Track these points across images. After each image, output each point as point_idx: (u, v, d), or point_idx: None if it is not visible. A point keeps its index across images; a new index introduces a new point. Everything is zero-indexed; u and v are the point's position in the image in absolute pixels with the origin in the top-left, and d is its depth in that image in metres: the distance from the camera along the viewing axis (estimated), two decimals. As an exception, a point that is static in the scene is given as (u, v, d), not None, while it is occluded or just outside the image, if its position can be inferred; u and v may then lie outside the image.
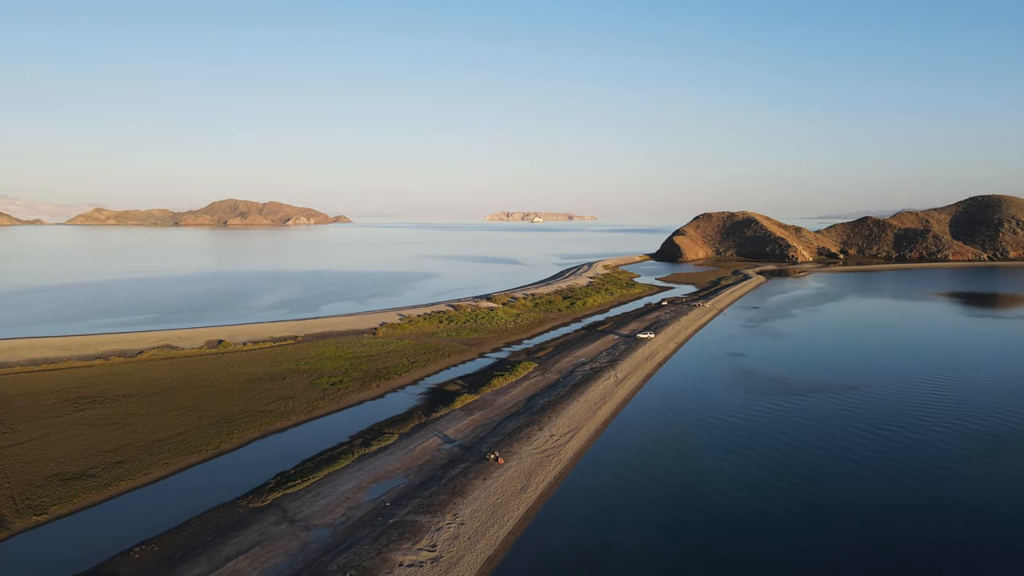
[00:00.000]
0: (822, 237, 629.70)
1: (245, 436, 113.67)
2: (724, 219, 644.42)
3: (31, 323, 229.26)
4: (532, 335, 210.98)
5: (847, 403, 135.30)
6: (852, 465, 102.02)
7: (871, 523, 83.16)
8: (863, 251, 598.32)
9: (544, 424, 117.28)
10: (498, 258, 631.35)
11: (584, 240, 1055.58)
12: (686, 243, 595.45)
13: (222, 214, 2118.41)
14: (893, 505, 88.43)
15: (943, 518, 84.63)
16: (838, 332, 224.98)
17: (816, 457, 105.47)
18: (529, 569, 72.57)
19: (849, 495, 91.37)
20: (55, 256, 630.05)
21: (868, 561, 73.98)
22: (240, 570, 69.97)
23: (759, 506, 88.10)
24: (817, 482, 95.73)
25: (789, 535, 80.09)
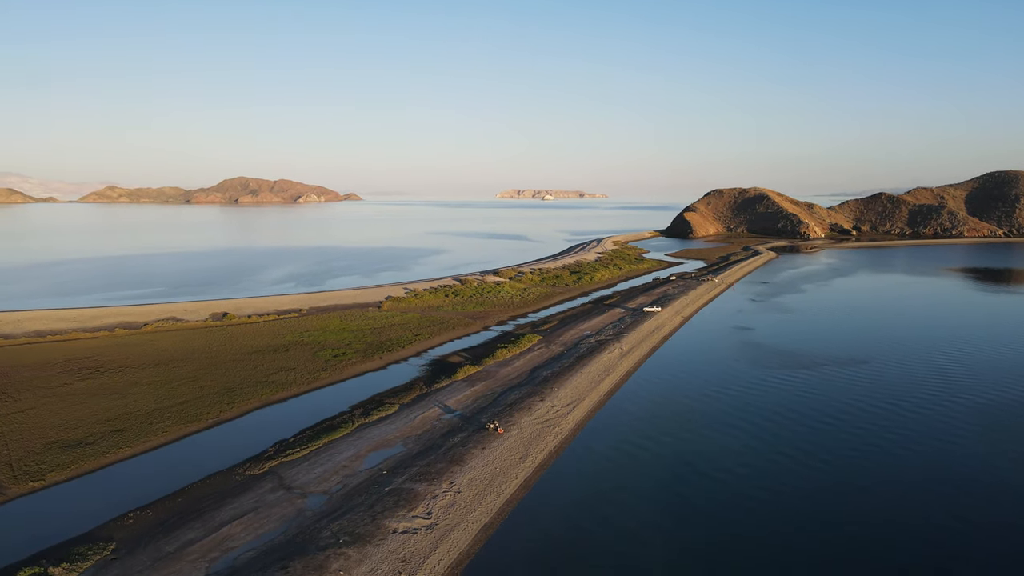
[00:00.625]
0: (835, 213, 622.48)
1: (245, 406, 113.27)
2: (736, 195, 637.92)
3: (40, 296, 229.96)
4: (538, 309, 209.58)
5: (855, 377, 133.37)
6: (857, 439, 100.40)
7: (876, 496, 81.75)
8: (876, 228, 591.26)
9: (546, 395, 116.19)
10: (507, 234, 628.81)
11: (594, 217, 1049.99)
12: (697, 219, 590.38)
13: (233, 192, 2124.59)
14: (899, 478, 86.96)
15: (950, 492, 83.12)
16: (848, 307, 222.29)
17: (821, 430, 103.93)
18: (525, 537, 71.72)
19: (854, 468, 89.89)
20: (66, 233, 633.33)
21: (873, 534, 72.66)
22: (234, 535, 69.51)
23: (761, 479, 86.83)
24: (821, 456, 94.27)
25: (792, 508, 78.84)
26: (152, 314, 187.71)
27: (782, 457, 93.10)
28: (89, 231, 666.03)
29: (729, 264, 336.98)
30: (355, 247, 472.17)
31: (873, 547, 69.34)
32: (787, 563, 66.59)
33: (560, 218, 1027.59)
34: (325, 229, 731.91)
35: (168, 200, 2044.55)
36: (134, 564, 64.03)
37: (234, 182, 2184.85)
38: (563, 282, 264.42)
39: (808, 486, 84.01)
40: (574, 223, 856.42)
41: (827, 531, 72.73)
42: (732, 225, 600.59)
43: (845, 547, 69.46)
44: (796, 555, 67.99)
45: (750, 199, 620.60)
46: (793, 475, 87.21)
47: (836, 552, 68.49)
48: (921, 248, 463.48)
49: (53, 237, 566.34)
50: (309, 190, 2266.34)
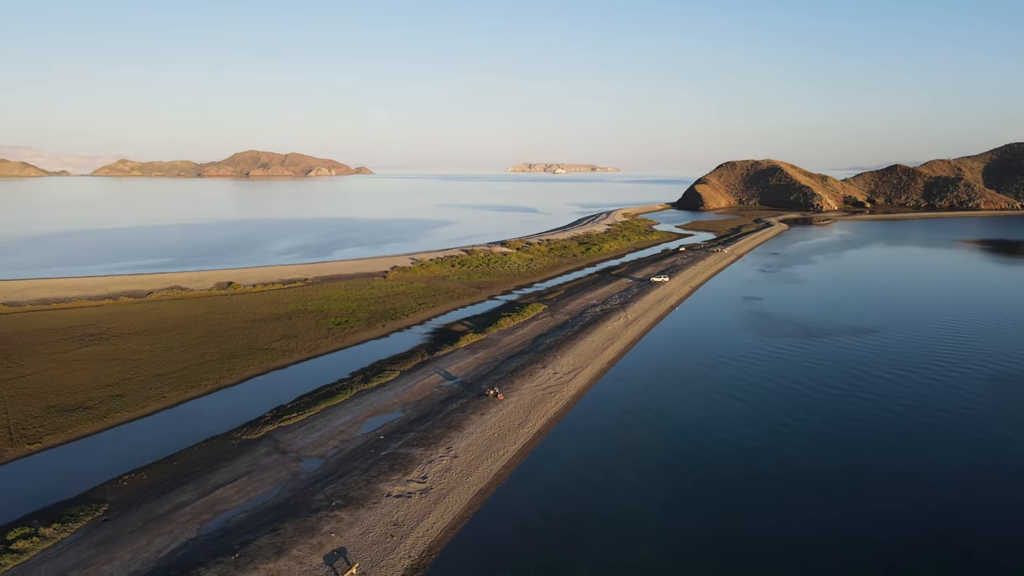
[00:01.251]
0: (849, 186, 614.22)
1: (245, 372, 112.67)
2: (748, 167, 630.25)
3: (48, 266, 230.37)
4: (544, 279, 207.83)
5: (864, 346, 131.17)
6: (864, 407, 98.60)
7: (878, 465, 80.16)
8: (891, 200, 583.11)
9: (548, 362, 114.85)
10: (517, 207, 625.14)
11: (606, 190, 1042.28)
12: (708, 192, 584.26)
13: (244, 165, 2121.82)
14: (903, 447, 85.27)
15: (956, 460, 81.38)
16: (859, 278, 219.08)
17: (826, 399, 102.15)
18: (521, 502, 70.71)
19: (857, 437, 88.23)
20: (77, 206, 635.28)
21: (874, 502, 71.19)
22: (227, 498, 68.93)
23: (761, 446, 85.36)
24: (824, 424, 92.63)
25: (791, 476, 77.41)
26: (157, 283, 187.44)
27: (783, 426, 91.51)
28: (100, 204, 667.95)
29: (740, 236, 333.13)
30: (364, 219, 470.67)
31: (872, 514, 67.89)
32: (781, 526, 65.27)
33: (571, 191, 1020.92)
34: (334, 201, 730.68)
35: (180, 174, 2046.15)
36: (125, 525, 63.58)
37: (245, 156, 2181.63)
38: (571, 253, 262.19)
39: (808, 454, 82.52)
40: (585, 196, 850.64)
41: (826, 499, 71.28)
42: (744, 198, 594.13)
43: (842, 513, 68.05)
44: (790, 519, 66.62)
45: (763, 171, 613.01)
46: (794, 443, 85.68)
47: (832, 517, 67.08)
48: (936, 220, 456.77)
49: (64, 209, 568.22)
50: (320, 163, 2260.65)
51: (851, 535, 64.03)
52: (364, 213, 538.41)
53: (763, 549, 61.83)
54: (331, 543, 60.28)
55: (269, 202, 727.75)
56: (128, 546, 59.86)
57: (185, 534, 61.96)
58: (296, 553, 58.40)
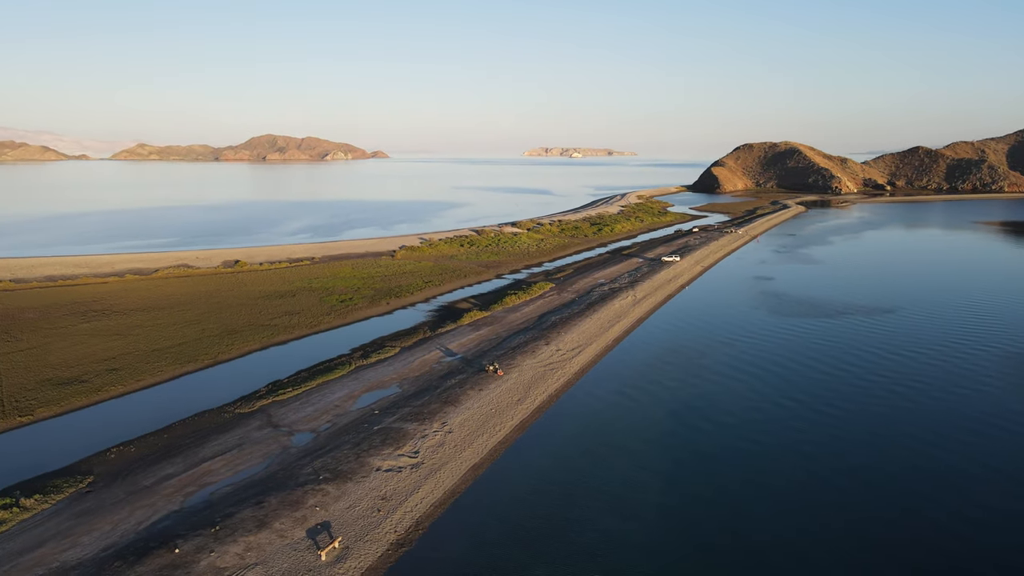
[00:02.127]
0: (868, 168, 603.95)
1: (244, 348, 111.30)
2: (766, 150, 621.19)
3: (60, 244, 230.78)
4: (554, 258, 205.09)
5: (879, 325, 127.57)
6: (875, 386, 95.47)
7: (886, 443, 77.21)
8: (912, 183, 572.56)
9: (551, 339, 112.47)
10: (531, 189, 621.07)
11: (622, 174, 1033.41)
12: (724, 174, 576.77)
13: (261, 149, 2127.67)
14: (914, 425, 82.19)
15: (968, 437, 78.22)
16: (876, 258, 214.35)
17: (836, 377, 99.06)
18: (516, 477, 68.61)
19: (865, 415, 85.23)
20: (92, 187, 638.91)
21: (878, 481, 68.40)
22: (214, 471, 67.40)
23: (765, 424, 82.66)
24: (833, 402, 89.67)
25: (793, 452, 74.72)
26: (164, 261, 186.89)
27: (790, 402, 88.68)
28: (115, 186, 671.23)
29: (755, 217, 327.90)
30: (376, 201, 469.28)
31: (875, 488, 65.13)
32: (779, 503, 62.75)
33: (587, 174, 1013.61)
34: (348, 184, 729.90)
35: (197, 158, 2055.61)
36: (108, 497, 62.23)
37: (262, 140, 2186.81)
38: (582, 233, 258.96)
39: (814, 432, 79.71)
40: (600, 179, 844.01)
41: (828, 475, 68.57)
42: (761, 180, 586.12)
43: (841, 489, 65.37)
44: (787, 495, 64.07)
45: (780, 153, 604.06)
46: (799, 420, 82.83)
47: (829, 497, 64.42)
48: (958, 203, 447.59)
49: (79, 191, 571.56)
50: (336, 147, 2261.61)
51: (855, 515, 61.38)
52: (376, 195, 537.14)
53: (759, 523, 59.38)
54: (315, 517, 58.54)
55: (283, 184, 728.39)
56: (108, 518, 58.47)
57: (168, 506, 60.48)
58: (278, 526, 56.72)
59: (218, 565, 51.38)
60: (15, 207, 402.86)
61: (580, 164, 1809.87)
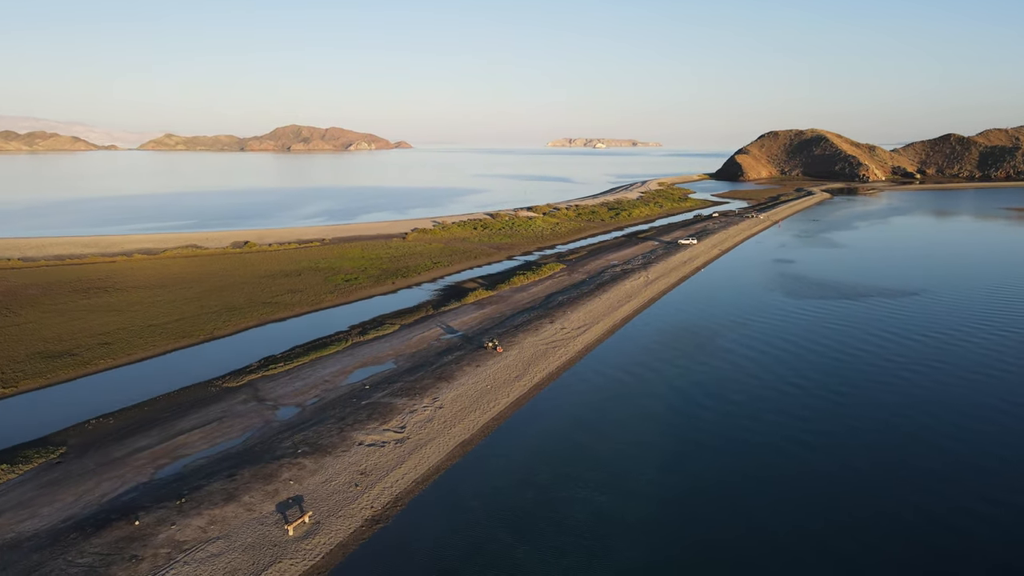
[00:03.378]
0: (898, 156, 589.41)
1: (242, 324, 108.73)
2: (791, 137, 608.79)
3: (75, 226, 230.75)
4: (568, 241, 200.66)
5: (902, 308, 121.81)
6: (891, 368, 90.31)
7: (896, 428, 72.35)
8: (943, 171, 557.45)
9: (557, 318, 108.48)
10: (552, 176, 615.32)
11: (645, 163, 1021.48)
12: (748, 162, 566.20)
13: (286, 139, 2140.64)
14: (929, 409, 77.13)
15: (991, 420, 73.10)
16: (904, 243, 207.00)
17: (851, 359, 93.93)
18: (506, 454, 64.91)
19: (877, 398, 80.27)
20: (117, 175, 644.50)
21: (883, 466, 63.74)
22: (190, 443, 64.57)
23: (775, 403, 78.12)
24: (842, 384, 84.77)
25: (799, 435, 70.20)
26: (173, 241, 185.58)
27: (803, 384, 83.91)
28: (139, 174, 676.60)
29: (778, 203, 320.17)
30: (395, 187, 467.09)
31: (885, 479, 60.52)
32: (783, 487, 58.43)
33: (609, 163, 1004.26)
34: (368, 172, 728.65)
35: (223, 148, 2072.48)
36: (76, 468, 59.60)
37: (287, 130, 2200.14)
38: (599, 217, 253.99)
39: (826, 415, 75.04)
40: (623, 167, 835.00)
41: (837, 460, 64.03)
42: (787, 168, 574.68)
43: (851, 476, 60.85)
44: (792, 479, 59.70)
45: (807, 141, 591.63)
46: (810, 402, 78.17)
47: (837, 483, 59.93)
48: (991, 190, 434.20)
49: (104, 179, 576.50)
50: (360, 138, 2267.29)
51: (865, 503, 56.93)
52: (396, 182, 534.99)
53: (759, 507, 55.20)
54: (288, 491, 55.39)
55: (303, 172, 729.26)
56: (73, 489, 55.80)
57: (137, 478, 57.70)
58: (247, 500, 53.64)
59: (177, 538, 48.39)
60: (37, 193, 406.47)
61: (603, 154, 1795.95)
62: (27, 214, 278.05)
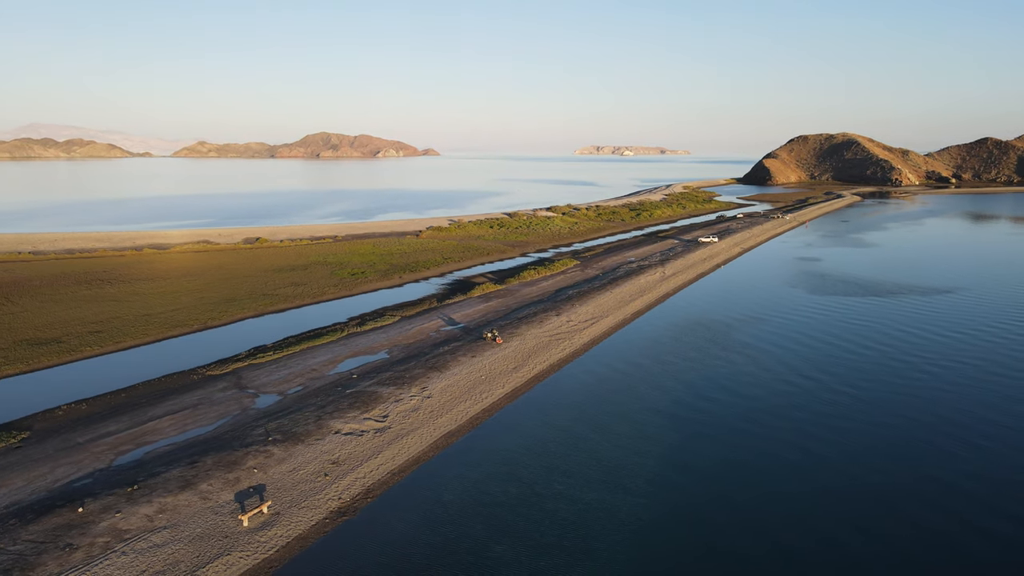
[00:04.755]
0: (932, 160, 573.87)
1: (238, 315, 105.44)
2: (822, 141, 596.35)
3: (94, 224, 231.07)
4: (585, 240, 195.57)
5: (932, 306, 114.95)
6: (911, 366, 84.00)
7: (905, 429, 66.31)
8: (979, 175, 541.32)
9: (564, 311, 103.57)
10: (576, 181, 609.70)
11: (672, 169, 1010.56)
12: (777, 166, 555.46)
13: (315, 147, 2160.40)
14: (944, 411, 70.90)
15: (1008, 424, 66.81)
16: (938, 242, 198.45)
17: (878, 353, 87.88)
18: (493, 445, 60.19)
19: (889, 396, 74.19)
20: (146, 178, 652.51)
21: (890, 466, 57.86)
22: (159, 430, 60.85)
23: (791, 399, 72.44)
24: (855, 380, 78.78)
25: (814, 433, 64.49)
26: (185, 237, 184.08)
27: (822, 379, 78.07)
28: (167, 178, 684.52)
29: (805, 205, 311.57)
30: (417, 190, 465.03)
31: (900, 480, 54.68)
32: (777, 487, 52.95)
33: (636, 169, 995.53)
34: (393, 176, 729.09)
35: (254, 155, 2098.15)
36: (35, 453, 56.10)
37: (316, 137, 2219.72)
38: (619, 218, 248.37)
39: (847, 412, 69.24)
40: (649, 173, 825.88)
41: (854, 461, 58.31)
42: (816, 172, 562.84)
43: (869, 477, 55.11)
44: (805, 478, 54.16)
45: (837, 145, 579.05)
46: (831, 399, 72.35)
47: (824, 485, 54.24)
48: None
49: (133, 181, 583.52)
50: (388, 145, 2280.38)
51: (878, 505, 51.26)
52: (419, 185, 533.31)
53: (763, 511, 49.85)
54: (250, 479, 51.26)
55: (329, 176, 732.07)
56: (25, 474, 52.23)
57: (95, 464, 54.01)
58: (204, 488, 49.59)
59: (119, 527, 44.41)
60: (64, 194, 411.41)
61: (630, 161, 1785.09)
62: (50, 212, 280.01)
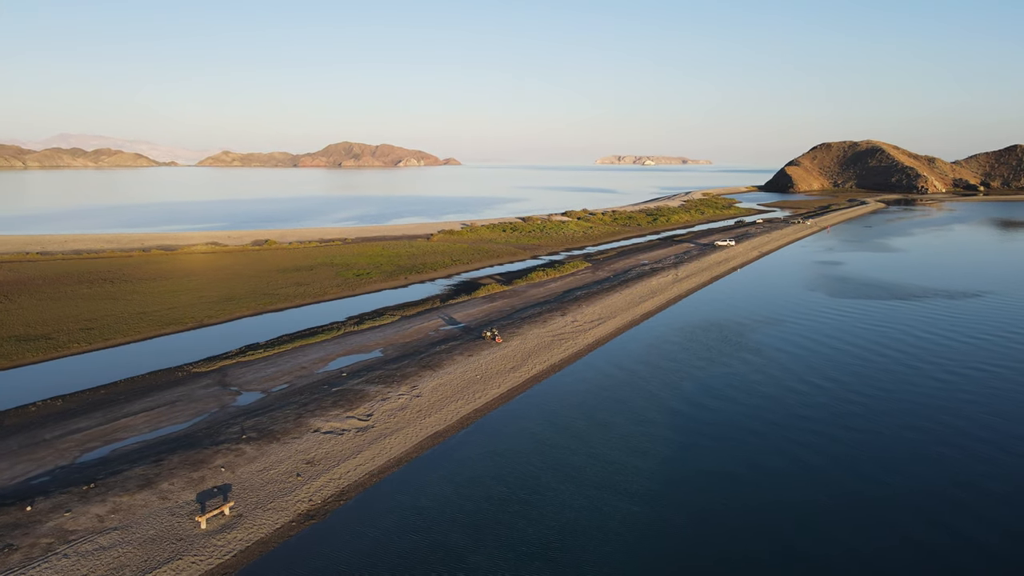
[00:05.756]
0: (959, 168, 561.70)
1: (236, 313, 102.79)
2: (845, 149, 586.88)
3: (109, 226, 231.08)
4: (599, 243, 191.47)
5: (960, 310, 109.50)
6: (931, 371, 79.00)
7: (916, 438, 61.52)
8: (1009, 183, 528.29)
9: (569, 311, 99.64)
10: (595, 188, 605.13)
11: (693, 177, 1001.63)
12: (799, 173, 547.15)
13: (337, 156, 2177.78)
14: (963, 419, 65.96)
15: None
16: (966, 247, 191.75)
17: (899, 358, 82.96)
18: (480, 448, 56.41)
19: (906, 403, 69.34)
20: (166, 185, 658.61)
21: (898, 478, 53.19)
22: (131, 427, 57.85)
23: (804, 406, 67.90)
24: (891, 384, 73.96)
25: (828, 442, 59.97)
26: (194, 239, 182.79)
27: (837, 384, 73.37)
28: (190, 185, 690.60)
29: (827, 211, 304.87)
30: (434, 196, 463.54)
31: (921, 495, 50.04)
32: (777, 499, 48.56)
33: (656, 177, 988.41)
34: (412, 183, 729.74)
35: (277, 164, 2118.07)
36: (-3, 449, 53.28)
37: (338, 147, 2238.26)
38: (635, 222, 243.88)
39: (863, 419, 64.59)
40: (670, 182, 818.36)
41: (872, 468, 53.75)
42: (839, 180, 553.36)
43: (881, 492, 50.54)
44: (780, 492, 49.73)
45: (861, 152, 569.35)
46: (845, 406, 67.70)
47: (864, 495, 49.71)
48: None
49: (154, 187, 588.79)
50: (409, 155, 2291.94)
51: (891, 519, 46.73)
52: (435, 191, 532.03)
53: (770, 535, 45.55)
54: (216, 479, 47.92)
55: (347, 183, 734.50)
56: (-18, 470, 49.37)
57: (57, 461, 51.04)
58: (165, 487, 46.31)
59: (66, 527, 41.20)
60: (84, 200, 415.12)
61: (652, 170, 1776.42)
62: (71, 216, 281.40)
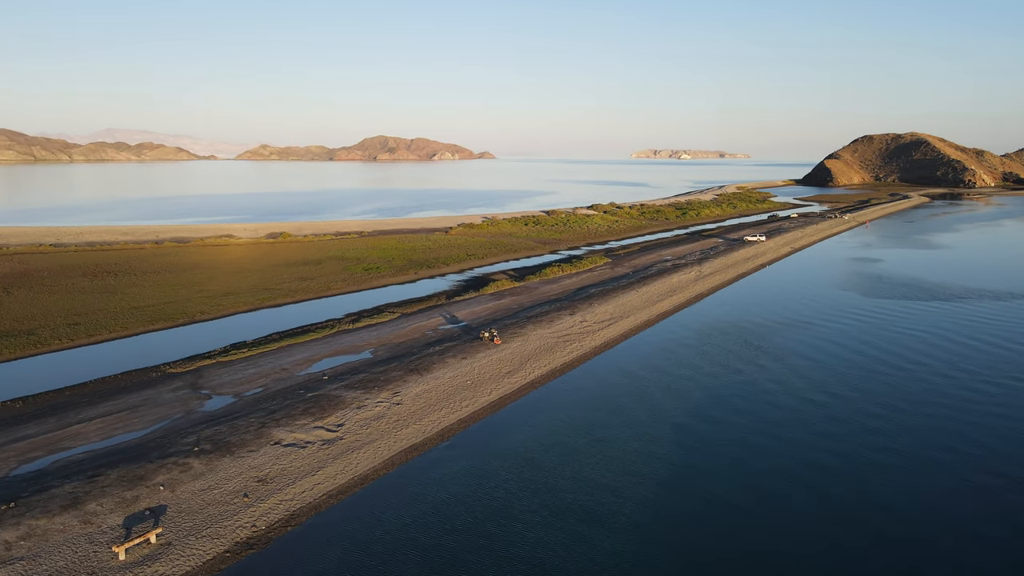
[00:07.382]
0: (1010, 161, 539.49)
1: (232, 309, 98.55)
2: (888, 141, 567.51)
3: (133, 218, 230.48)
4: (623, 238, 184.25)
5: (996, 314, 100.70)
6: (955, 383, 71.09)
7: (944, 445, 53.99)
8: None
9: (579, 310, 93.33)
10: (627, 182, 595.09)
11: (729, 171, 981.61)
12: (839, 167, 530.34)
13: (373, 150, 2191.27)
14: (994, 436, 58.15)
15: None
16: (1014, 245, 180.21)
17: (915, 368, 75.16)
18: (457, 464, 50.67)
19: (932, 421, 61.68)
20: (210, 179, 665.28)
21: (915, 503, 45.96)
22: (82, 434, 53.30)
23: (831, 419, 60.77)
24: (897, 399, 66.41)
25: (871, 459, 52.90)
26: (209, 231, 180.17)
27: (870, 394, 66.00)
28: (226, 178, 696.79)
29: (867, 206, 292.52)
30: (462, 188, 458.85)
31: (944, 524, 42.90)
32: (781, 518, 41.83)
33: (692, 172, 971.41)
34: (442, 176, 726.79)
35: (313, 157, 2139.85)
36: (-69, 457, 49.04)
37: (374, 141, 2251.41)
38: (663, 216, 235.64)
39: (898, 432, 57.31)
40: (705, 176, 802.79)
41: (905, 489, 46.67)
42: (881, 174, 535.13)
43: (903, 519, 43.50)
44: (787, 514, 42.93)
45: (905, 145, 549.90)
46: (878, 420, 60.38)
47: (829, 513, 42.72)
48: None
49: (193, 181, 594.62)
50: (444, 148, 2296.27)
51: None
52: (465, 184, 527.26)
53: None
54: (152, 499, 42.89)
55: (380, 176, 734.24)
56: (-95, 483, 45.06)
57: (-11, 473, 46.57)
58: (92, 508, 41.41)
59: (-35, 556, 36.45)
60: (121, 192, 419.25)
61: (688, 164, 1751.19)
62: (101, 208, 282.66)
